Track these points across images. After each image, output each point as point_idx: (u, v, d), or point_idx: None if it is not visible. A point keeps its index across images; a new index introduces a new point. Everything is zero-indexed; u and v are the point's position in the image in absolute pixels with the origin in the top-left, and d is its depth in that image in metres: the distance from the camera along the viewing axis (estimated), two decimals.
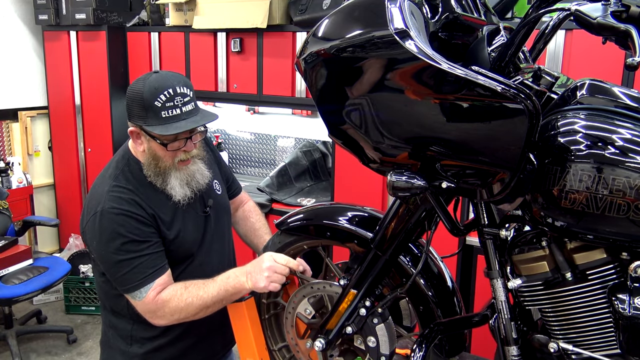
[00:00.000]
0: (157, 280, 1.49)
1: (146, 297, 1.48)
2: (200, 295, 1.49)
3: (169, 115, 1.46)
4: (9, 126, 3.94)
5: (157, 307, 1.49)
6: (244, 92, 3.19)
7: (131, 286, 1.48)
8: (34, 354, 3.18)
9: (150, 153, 1.53)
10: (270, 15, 2.95)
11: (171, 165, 1.54)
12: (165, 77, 1.48)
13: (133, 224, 1.48)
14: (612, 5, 0.91)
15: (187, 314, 1.50)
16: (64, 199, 4.11)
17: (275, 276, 1.46)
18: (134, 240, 1.47)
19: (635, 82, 2.16)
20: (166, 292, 1.49)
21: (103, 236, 1.47)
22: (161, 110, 1.45)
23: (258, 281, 1.46)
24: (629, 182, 0.92)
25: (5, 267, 3.00)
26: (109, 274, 1.52)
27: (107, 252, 1.48)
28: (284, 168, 3.30)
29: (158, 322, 1.52)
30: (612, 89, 1.04)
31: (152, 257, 1.49)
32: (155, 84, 1.45)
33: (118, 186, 1.52)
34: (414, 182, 1.06)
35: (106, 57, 3.61)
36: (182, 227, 1.58)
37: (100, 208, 1.48)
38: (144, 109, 1.45)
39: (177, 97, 1.46)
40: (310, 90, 1.15)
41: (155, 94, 1.44)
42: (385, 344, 1.36)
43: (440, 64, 0.95)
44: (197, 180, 1.59)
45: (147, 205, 1.52)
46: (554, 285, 1.08)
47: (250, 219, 1.89)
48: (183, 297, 1.49)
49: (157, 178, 1.54)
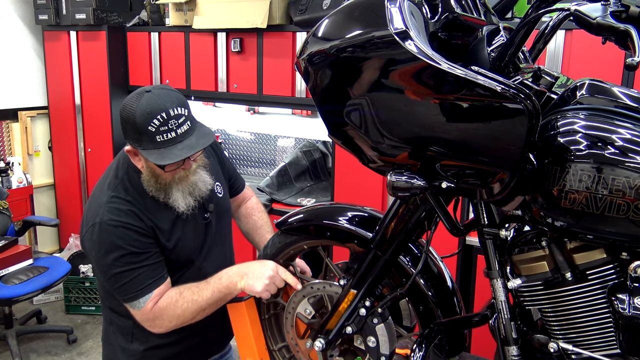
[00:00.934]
0: (155, 290, 1.49)
1: (144, 307, 1.48)
2: (195, 299, 1.50)
3: (165, 139, 1.40)
4: (9, 126, 3.94)
5: (155, 316, 1.50)
6: (244, 92, 3.19)
7: (130, 296, 1.48)
8: (34, 354, 3.18)
9: (149, 171, 1.51)
10: (270, 15, 2.95)
11: (171, 180, 1.52)
12: (158, 98, 1.41)
13: (132, 235, 1.47)
14: (612, 5, 0.91)
15: (185, 319, 1.51)
16: (64, 199, 4.11)
17: (272, 287, 1.49)
18: (132, 252, 1.47)
19: (635, 82, 2.16)
20: (162, 301, 1.50)
21: (102, 248, 1.47)
22: (155, 135, 1.40)
23: (255, 285, 1.47)
24: (629, 182, 0.92)
25: (5, 267, 3.00)
26: (108, 284, 1.52)
27: (105, 263, 1.47)
28: (284, 168, 3.30)
29: (157, 331, 1.54)
30: (612, 89, 1.04)
31: (151, 267, 1.49)
32: (148, 108, 1.39)
33: (117, 197, 1.50)
34: (413, 182, 1.06)
35: (106, 57, 3.61)
36: (181, 235, 1.58)
37: (98, 220, 1.47)
38: (138, 132, 1.41)
39: (171, 121, 1.40)
40: (310, 91, 1.15)
41: (148, 118, 1.39)
42: (385, 344, 1.36)
43: (440, 64, 0.95)
44: (200, 189, 1.58)
45: (146, 217, 1.51)
46: (554, 285, 1.08)
47: (252, 217, 1.88)
48: (178, 304, 1.50)
49: (159, 193, 1.53)
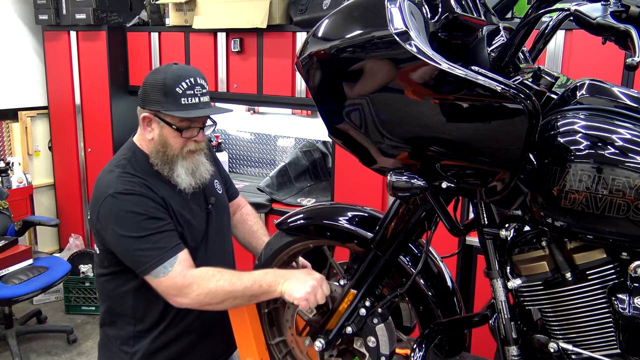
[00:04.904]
0: (179, 254, 1.47)
1: (172, 271, 1.44)
2: (233, 281, 1.43)
3: (188, 102, 1.52)
4: (9, 126, 3.94)
5: (186, 283, 1.43)
6: (244, 92, 3.19)
7: (154, 262, 1.44)
8: (34, 354, 3.18)
9: (161, 140, 1.55)
10: (270, 15, 2.95)
11: (179, 153, 1.56)
12: (187, 68, 1.58)
13: (148, 202, 1.49)
14: (612, 5, 0.91)
15: (213, 298, 1.43)
16: (64, 199, 4.10)
17: (312, 297, 1.38)
18: (151, 217, 1.47)
19: (635, 82, 2.16)
20: (198, 270, 1.46)
21: (119, 217, 1.47)
22: (181, 97, 1.51)
23: (296, 290, 1.38)
24: (629, 182, 0.92)
25: (5, 267, 3.00)
26: (129, 257, 1.49)
27: (125, 231, 1.47)
28: (284, 168, 3.30)
29: (181, 301, 1.45)
30: (612, 89, 1.04)
31: (170, 234, 1.49)
32: (179, 72, 1.53)
33: (126, 173, 1.54)
34: (414, 182, 1.06)
35: (106, 57, 3.60)
36: (190, 217, 1.59)
37: (112, 191, 1.48)
38: (164, 94, 1.51)
39: (197, 87, 1.54)
40: (311, 91, 1.15)
41: (177, 80, 1.51)
42: (385, 344, 1.36)
43: (440, 64, 0.95)
44: (202, 173, 1.61)
45: (157, 190, 1.53)
46: (554, 285, 1.08)
47: (248, 222, 1.89)
48: (215, 278, 1.43)
49: (164, 166, 1.56)
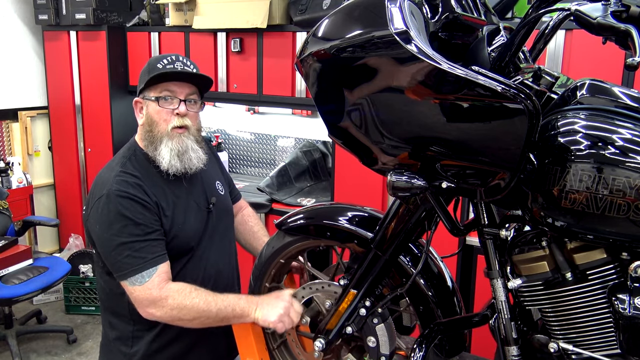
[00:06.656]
0: (159, 266, 1.47)
1: (150, 282, 1.44)
2: (208, 300, 1.46)
3: (166, 65, 1.56)
4: (9, 126, 3.94)
5: (161, 295, 1.44)
6: (244, 92, 3.19)
7: (131, 270, 1.45)
8: (34, 354, 3.18)
9: (147, 119, 1.58)
10: (270, 15, 2.95)
11: (165, 131, 1.56)
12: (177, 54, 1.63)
13: (138, 208, 1.48)
14: (612, 5, 0.91)
15: (186, 315, 1.45)
16: (64, 199, 4.10)
17: (286, 318, 1.45)
18: (137, 224, 1.47)
19: (635, 82, 2.16)
20: (176, 284, 1.47)
21: (107, 218, 1.47)
22: (162, 70, 1.55)
23: (269, 315, 1.44)
24: (629, 182, 0.92)
25: (5, 267, 3.00)
26: (109, 259, 1.50)
27: (109, 234, 1.47)
28: (284, 168, 3.30)
29: (152, 313, 1.46)
30: (612, 89, 1.04)
31: (153, 243, 1.49)
32: (163, 54, 1.60)
33: (124, 172, 1.54)
34: (414, 182, 1.06)
35: (106, 57, 3.61)
36: (184, 218, 1.59)
37: (106, 191, 1.49)
38: (147, 72, 1.55)
39: (178, 62, 1.58)
40: (311, 91, 1.15)
41: (159, 59, 1.58)
42: (385, 344, 1.36)
43: (440, 64, 0.95)
44: (190, 157, 1.58)
45: (151, 193, 1.53)
46: (554, 285, 1.08)
47: (248, 223, 1.91)
48: (191, 295, 1.46)
49: (150, 147, 1.58)
